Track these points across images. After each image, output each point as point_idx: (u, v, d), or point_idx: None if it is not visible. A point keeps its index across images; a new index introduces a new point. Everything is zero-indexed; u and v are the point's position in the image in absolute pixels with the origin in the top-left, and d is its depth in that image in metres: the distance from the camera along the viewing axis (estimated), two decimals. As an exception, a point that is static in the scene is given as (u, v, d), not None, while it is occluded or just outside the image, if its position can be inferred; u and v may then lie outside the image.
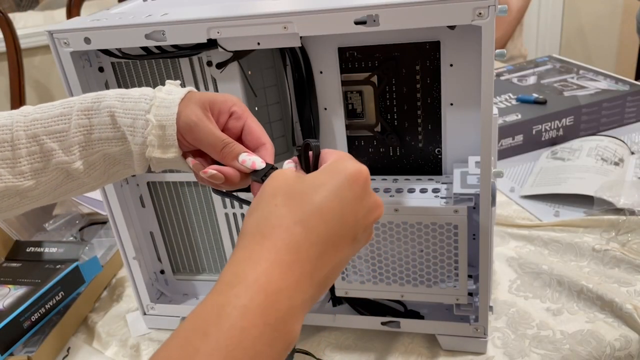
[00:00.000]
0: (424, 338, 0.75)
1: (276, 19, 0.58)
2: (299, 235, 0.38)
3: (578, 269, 0.84)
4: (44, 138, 0.51)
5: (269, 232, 0.38)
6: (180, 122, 0.49)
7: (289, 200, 0.39)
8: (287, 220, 0.38)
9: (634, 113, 1.22)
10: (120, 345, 0.81)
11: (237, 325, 0.33)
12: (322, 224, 0.38)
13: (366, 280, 0.72)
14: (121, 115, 0.50)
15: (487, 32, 0.54)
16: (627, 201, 0.92)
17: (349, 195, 0.40)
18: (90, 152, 0.51)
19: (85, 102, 0.51)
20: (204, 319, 0.34)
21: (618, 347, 0.71)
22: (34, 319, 0.80)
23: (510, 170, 1.12)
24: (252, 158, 0.48)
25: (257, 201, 0.41)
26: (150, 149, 0.50)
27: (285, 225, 0.38)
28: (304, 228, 0.38)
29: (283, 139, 0.74)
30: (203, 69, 0.68)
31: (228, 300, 0.34)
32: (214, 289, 0.36)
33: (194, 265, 0.84)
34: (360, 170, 0.42)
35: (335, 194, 0.40)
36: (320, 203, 0.39)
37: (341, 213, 0.40)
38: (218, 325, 0.33)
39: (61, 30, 0.63)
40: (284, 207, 0.39)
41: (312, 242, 0.38)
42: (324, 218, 0.39)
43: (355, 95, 0.70)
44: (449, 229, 0.66)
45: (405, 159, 0.73)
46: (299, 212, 0.39)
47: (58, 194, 0.54)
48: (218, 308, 0.34)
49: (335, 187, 0.40)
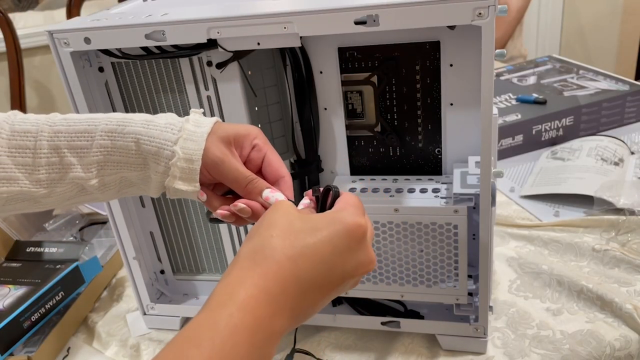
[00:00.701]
0: (423, 338, 0.75)
1: (276, 19, 0.58)
2: (288, 270, 0.40)
3: (578, 269, 0.84)
4: (65, 151, 0.51)
5: (261, 261, 0.40)
6: (206, 157, 0.50)
7: (285, 235, 0.41)
8: (279, 253, 0.40)
9: (633, 113, 1.22)
10: (120, 345, 0.81)
11: (228, 341, 0.36)
12: (310, 266, 0.40)
13: (366, 280, 0.72)
14: (146, 143, 0.51)
15: (487, 32, 0.54)
16: (627, 201, 0.92)
17: (342, 245, 0.42)
18: (108, 172, 0.52)
19: (111, 123, 0.52)
20: (198, 332, 0.36)
21: (618, 347, 0.71)
22: (34, 319, 0.80)
23: (510, 170, 1.12)
24: (275, 195, 0.50)
25: (256, 228, 0.43)
26: (171, 179, 0.51)
27: (277, 258, 0.40)
28: (293, 265, 0.40)
29: (283, 139, 0.74)
30: (203, 69, 0.68)
31: (221, 317, 0.37)
32: (207, 305, 0.38)
33: (194, 265, 0.84)
34: (359, 224, 0.43)
35: (329, 241, 0.41)
36: (313, 246, 0.41)
37: (331, 260, 0.41)
38: (211, 340, 0.36)
39: (61, 30, 0.63)
40: (279, 240, 0.41)
41: (298, 279, 0.40)
42: (313, 261, 0.41)
43: (355, 95, 0.70)
44: (449, 229, 0.66)
45: (405, 159, 0.73)
46: (291, 249, 0.40)
47: (69, 203, 0.55)
48: (211, 323, 0.37)
49: (330, 235, 0.42)
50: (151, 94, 0.71)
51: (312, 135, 0.72)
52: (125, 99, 0.72)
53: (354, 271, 0.43)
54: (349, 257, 0.42)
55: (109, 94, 0.72)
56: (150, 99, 0.71)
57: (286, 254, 0.40)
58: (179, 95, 0.70)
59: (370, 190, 0.70)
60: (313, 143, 0.73)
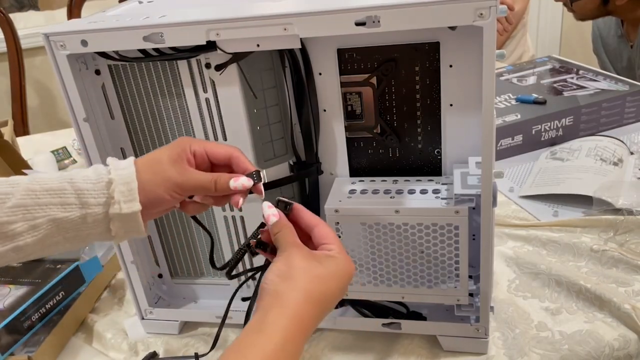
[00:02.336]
0: (423, 338, 0.75)
1: (276, 20, 0.58)
2: (311, 311, 0.50)
3: (576, 269, 0.84)
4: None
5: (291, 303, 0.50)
6: (170, 183, 0.55)
7: (309, 280, 0.51)
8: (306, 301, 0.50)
9: (633, 113, 1.23)
10: (120, 345, 0.82)
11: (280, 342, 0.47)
12: (324, 305, 0.52)
13: (367, 282, 0.72)
14: (80, 182, 0.53)
15: (489, 32, 0.54)
16: (625, 201, 0.92)
17: (345, 284, 0.54)
18: (36, 216, 0.51)
19: (36, 178, 0.53)
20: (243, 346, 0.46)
21: (617, 347, 0.71)
22: (34, 319, 0.80)
23: (509, 170, 1.12)
24: (240, 181, 0.56)
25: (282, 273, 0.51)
26: (115, 206, 0.53)
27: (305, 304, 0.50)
28: (316, 306, 0.51)
29: (282, 140, 0.74)
30: (202, 71, 0.68)
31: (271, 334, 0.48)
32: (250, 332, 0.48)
33: (192, 268, 0.84)
34: (353, 269, 0.55)
35: (337, 286, 0.53)
36: (329, 290, 0.52)
37: (338, 294, 0.53)
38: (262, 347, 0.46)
39: (57, 32, 0.63)
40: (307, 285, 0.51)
41: (318, 315, 0.51)
42: (327, 301, 0.52)
43: (355, 97, 0.70)
44: (450, 229, 0.66)
45: (405, 160, 0.73)
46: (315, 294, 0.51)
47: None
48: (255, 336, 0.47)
49: (340, 282, 0.53)
50: (149, 97, 0.71)
51: (312, 137, 0.72)
52: (123, 102, 0.72)
53: (341, 296, 0.54)
54: (345, 287, 0.54)
55: (105, 97, 0.72)
56: (147, 102, 0.71)
57: (315, 297, 0.50)
58: (177, 98, 0.70)
59: (371, 192, 0.70)
60: (312, 145, 0.73)
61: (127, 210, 0.53)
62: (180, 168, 0.55)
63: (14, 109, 1.91)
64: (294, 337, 0.47)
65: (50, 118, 2.56)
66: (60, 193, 0.52)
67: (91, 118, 0.69)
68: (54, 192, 0.52)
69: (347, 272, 0.54)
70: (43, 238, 0.52)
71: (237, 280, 0.82)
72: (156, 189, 0.54)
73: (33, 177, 0.53)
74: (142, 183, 0.54)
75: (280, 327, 0.47)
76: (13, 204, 0.51)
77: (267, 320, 0.47)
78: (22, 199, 0.51)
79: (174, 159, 0.55)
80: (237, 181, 0.56)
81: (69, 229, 0.53)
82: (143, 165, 0.55)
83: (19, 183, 0.52)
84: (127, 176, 0.53)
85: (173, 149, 0.56)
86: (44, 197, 0.52)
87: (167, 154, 0.56)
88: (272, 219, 0.55)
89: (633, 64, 1.73)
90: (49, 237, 0.52)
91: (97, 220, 0.53)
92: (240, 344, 0.46)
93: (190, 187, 0.56)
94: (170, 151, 0.56)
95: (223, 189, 0.56)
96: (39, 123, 2.45)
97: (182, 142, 0.57)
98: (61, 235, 0.53)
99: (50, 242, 0.53)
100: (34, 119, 2.28)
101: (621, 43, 1.76)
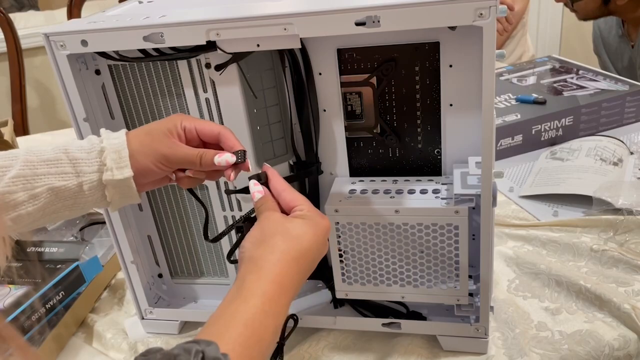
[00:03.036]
0: (423, 338, 0.75)
1: (276, 20, 0.58)
2: (294, 267, 0.52)
3: (576, 269, 0.84)
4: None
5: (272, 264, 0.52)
6: (157, 154, 0.57)
7: (286, 240, 0.53)
8: (285, 255, 0.52)
9: (633, 113, 1.23)
10: (120, 345, 0.82)
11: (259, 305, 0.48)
12: (305, 261, 0.54)
13: (367, 282, 0.72)
14: (75, 151, 0.56)
15: (488, 32, 0.54)
16: (625, 201, 0.92)
17: (323, 240, 0.56)
18: (36, 185, 0.54)
19: (30, 150, 0.56)
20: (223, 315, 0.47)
21: (617, 346, 0.71)
22: (34, 319, 0.80)
23: (509, 170, 1.12)
24: (224, 157, 0.58)
25: (260, 235, 0.54)
26: (108, 173, 0.56)
27: (285, 260, 0.52)
28: (296, 263, 0.52)
29: (282, 140, 0.74)
30: (201, 71, 0.68)
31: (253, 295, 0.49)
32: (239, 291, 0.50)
33: (192, 268, 0.84)
34: (328, 224, 0.57)
35: (316, 242, 0.55)
36: (308, 246, 0.54)
37: (318, 250, 0.55)
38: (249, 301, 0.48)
39: (57, 32, 0.63)
40: (284, 245, 0.52)
41: (300, 272, 0.53)
42: (307, 257, 0.54)
43: (355, 97, 0.70)
44: (450, 229, 0.66)
45: (404, 160, 0.73)
46: (294, 251, 0.53)
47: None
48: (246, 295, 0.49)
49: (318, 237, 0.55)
50: (149, 97, 0.71)
51: (312, 137, 0.72)
52: (122, 102, 0.72)
53: (323, 252, 0.57)
54: (322, 243, 0.56)
55: (105, 97, 0.72)
56: (147, 102, 0.71)
57: (292, 256, 0.52)
58: (177, 98, 0.70)
59: (371, 192, 0.70)
60: (312, 145, 0.73)
61: (119, 176, 0.56)
62: (169, 142, 0.57)
63: (14, 109, 1.91)
64: (274, 298, 0.49)
65: (50, 118, 2.56)
66: (57, 163, 0.55)
67: (91, 118, 0.69)
68: (51, 162, 0.55)
69: (322, 227, 0.55)
70: (43, 206, 0.55)
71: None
72: (144, 159, 0.57)
73: (30, 149, 0.56)
74: (132, 152, 0.57)
75: (258, 291, 0.48)
76: (13, 175, 0.53)
77: (245, 286, 0.49)
78: (21, 170, 0.54)
79: (164, 132, 0.58)
80: (221, 157, 0.58)
81: (67, 197, 0.56)
82: (134, 137, 0.58)
83: (17, 156, 0.55)
84: (118, 145, 0.57)
85: (165, 124, 0.59)
86: (41, 168, 0.55)
87: (159, 128, 0.58)
88: (257, 195, 0.58)
89: (634, 64, 1.73)
90: (49, 205, 0.55)
91: (92, 187, 0.56)
92: (220, 313, 0.47)
93: (177, 160, 0.58)
94: (161, 125, 0.59)
95: (207, 164, 0.58)
96: (39, 123, 2.45)
97: (174, 118, 0.60)
98: (60, 203, 0.56)
99: (50, 210, 0.56)
100: (34, 119, 2.28)
101: (622, 43, 1.76)
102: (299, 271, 0.52)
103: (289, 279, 0.51)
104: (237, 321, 0.46)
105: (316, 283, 0.82)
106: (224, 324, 0.46)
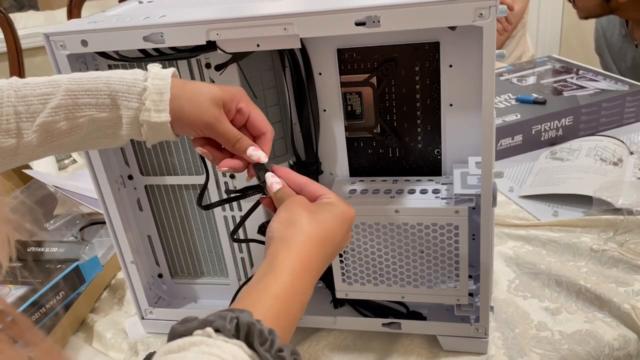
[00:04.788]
0: (423, 338, 0.75)
1: (276, 20, 0.58)
2: (320, 248, 0.54)
3: (576, 269, 0.84)
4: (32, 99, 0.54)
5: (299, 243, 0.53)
6: (201, 119, 0.56)
7: (312, 222, 0.54)
8: (312, 237, 0.54)
9: (633, 113, 1.23)
10: (120, 345, 0.82)
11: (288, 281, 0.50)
12: (330, 242, 0.55)
13: (367, 281, 0.72)
14: (116, 83, 0.55)
15: (488, 32, 0.54)
16: (625, 201, 0.92)
17: (347, 226, 0.57)
18: (77, 116, 0.55)
19: (75, 76, 0.56)
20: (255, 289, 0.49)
21: (617, 346, 0.71)
22: (34, 319, 0.80)
23: (509, 170, 1.12)
24: (257, 153, 0.58)
25: (288, 216, 0.54)
26: (145, 112, 0.55)
27: (311, 242, 0.53)
28: (321, 245, 0.54)
29: (282, 140, 0.74)
30: (202, 71, 0.68)
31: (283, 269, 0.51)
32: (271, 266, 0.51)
33: (193, 268, 0.84)
34: (353, 213, 0.57)
35: (340, 226, 0.56)
36: (332, 229, 0.55)
37: (340, 237, 0.56)
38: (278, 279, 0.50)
39: (58, 32, 0.63)
40: (310, 227, 0.54)
41: (324, 252, 0.54)
42: (333, 240, 0.55)
43: (355, 97, 0.70)
44: (450, 229, 0.66)
45: (404, 160, 0.73)
46: (321, 232, 0.54)
47: (41, 152, 0.57)
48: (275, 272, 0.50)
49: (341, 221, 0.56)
50: (151, 96, 0.71)
51: (312, 137, 0.72)
52: (125, 101, 0.72)
53: (346, 241, 0.58)
54: (346, 231, 0.57)
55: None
56: (150, 100, 0.71)
57: (318, 238, 0.53)
58: (179, 97, 0.70)
59: (371, 192, 0.70)
60: (312, 145, 0.73)
61: (156, 119, 0.55)
62: (215, 112, 0.57)
63: (14, 109, 1.91)
64: (301, 275, 0.50)
65: (50, 118, 2.56)
66: (97, 94, 0.55)
67: (91, 118, 0.69)
68: (92, 93, 0.55)
69: (347, 215, 0.56)
70: (85, 135, 0.56)
71: (237, 281, 0.82)
72: (183, 114, 0.56)
73: (72, 77, 0.56)
74: (174, 98, 0.55)
75: (288, 268, 0.50)
76: (55, 105, 0.54)
77: (275, 264, 0.50)
78: (62, 100, 0.54)
79: (215, 101, 0.57)
80: (257, 151, 0.58)
81: (107, 127, 0.56)
82: (181, 88, 0.56)
83: (59, 84, 0.55)
84: (162, 87, 0.55)
85: (220, 93, 0.57)
86: (82, 98, 0.55)
87: (213, 95, 0.57)
88: (276, 186, 0.58)
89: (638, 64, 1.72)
90: (91, 133, 0.56)
91: (129, 122, 0.56)
92: (252, 288, 0.49)
93: (215, 132, 0.57)
94: (218, 93, 0.57)
95: (239, 150, 0.58)
96: (39, 123, 2.44)
97: (233, 92, 0.59)
98: (101, 131, 0.57)
99: (91, 137, 0.57)
100: (34, 119, 2.27)
101: (625, 43, 1.76)
102: (323, 255, 0.54)
103: (315, 259, 0.52)
104: (268, 294, 0.48)
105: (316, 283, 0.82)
106: (257, 296, 0.48)
